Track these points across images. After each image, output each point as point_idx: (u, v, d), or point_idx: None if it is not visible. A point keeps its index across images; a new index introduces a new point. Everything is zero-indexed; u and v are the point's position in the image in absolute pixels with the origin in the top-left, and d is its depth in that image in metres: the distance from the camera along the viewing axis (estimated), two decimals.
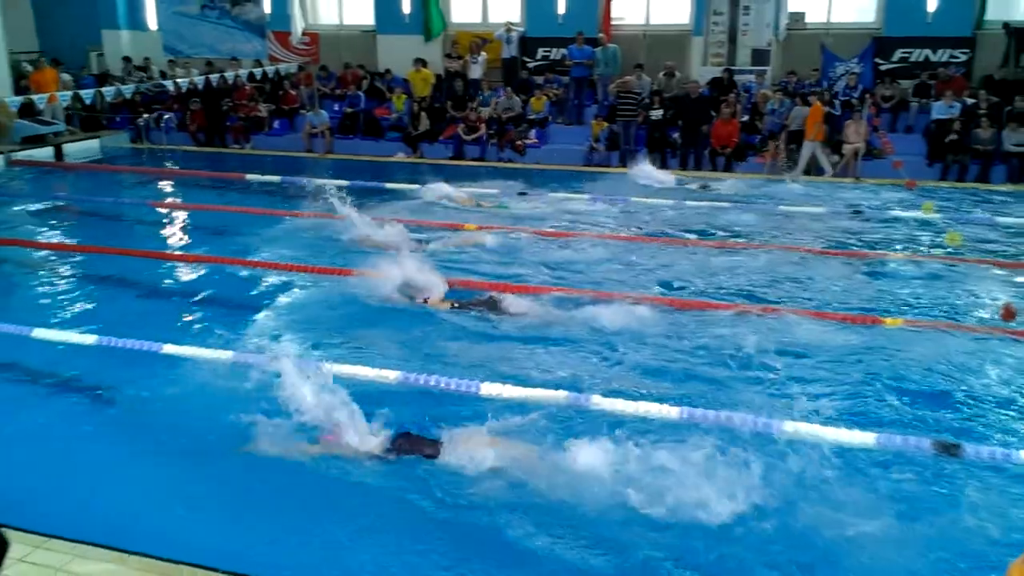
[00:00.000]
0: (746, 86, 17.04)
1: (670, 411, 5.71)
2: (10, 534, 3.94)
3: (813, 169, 14.83)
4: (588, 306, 7.72)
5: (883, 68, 17.20)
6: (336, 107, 18.46)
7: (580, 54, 17.48)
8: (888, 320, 7.64)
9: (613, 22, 18.33)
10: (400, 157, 16.78)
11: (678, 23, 18.51)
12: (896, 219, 11.85)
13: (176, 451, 5.33)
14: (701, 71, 17.69)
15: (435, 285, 7.88)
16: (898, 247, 10.45)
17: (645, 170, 14.44)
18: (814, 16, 17.88)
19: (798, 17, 17.82)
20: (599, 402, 5.84)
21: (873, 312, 7.93)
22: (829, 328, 7.48)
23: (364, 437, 5.01)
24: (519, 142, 16.61)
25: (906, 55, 17.18)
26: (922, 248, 10.42)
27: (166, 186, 14.79)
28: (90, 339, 7.04)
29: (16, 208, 12.69)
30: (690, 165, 15.76)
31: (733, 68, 17.35)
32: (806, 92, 15.85)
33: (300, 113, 18.50)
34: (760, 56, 17.56)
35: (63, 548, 4.13)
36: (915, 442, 5.36)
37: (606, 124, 16.37)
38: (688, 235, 10.91)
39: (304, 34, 20.69)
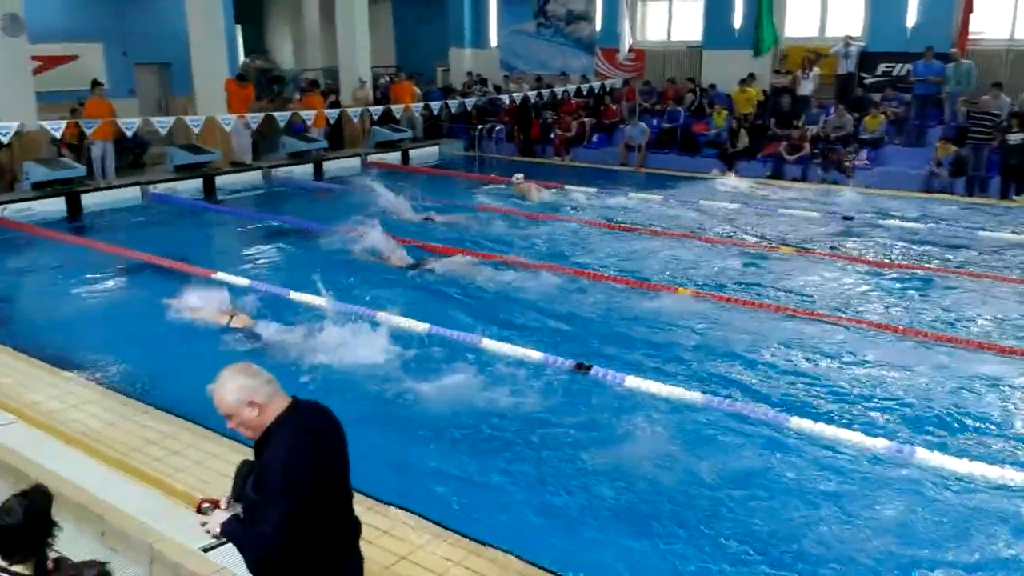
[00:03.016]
0: None
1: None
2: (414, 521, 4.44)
3: None
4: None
5: None
6: (655, 122, 18.59)
7: (927, 70, 15.96)
8: None
9: (971, 36, 16.49)
10: (714, 174, 16.47)
11: None
12: None
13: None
14: None
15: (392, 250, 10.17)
16: None
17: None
18: None
19: None
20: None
21: None
22: None
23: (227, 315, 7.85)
24: (847, 163, 15.55)
25: None
26: None
27: (492, 192, 15.75)
28: (423, 327, 7.76)
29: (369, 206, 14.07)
30: None
31: None
32: None
33: (619, 127, 18.89)
34: None
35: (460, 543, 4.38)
36: None
37: (953, 147, 14.76)
38: None
39: (630, 50, 21.09)
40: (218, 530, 2.85)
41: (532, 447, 5.67)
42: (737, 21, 19.09)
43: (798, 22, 19.01)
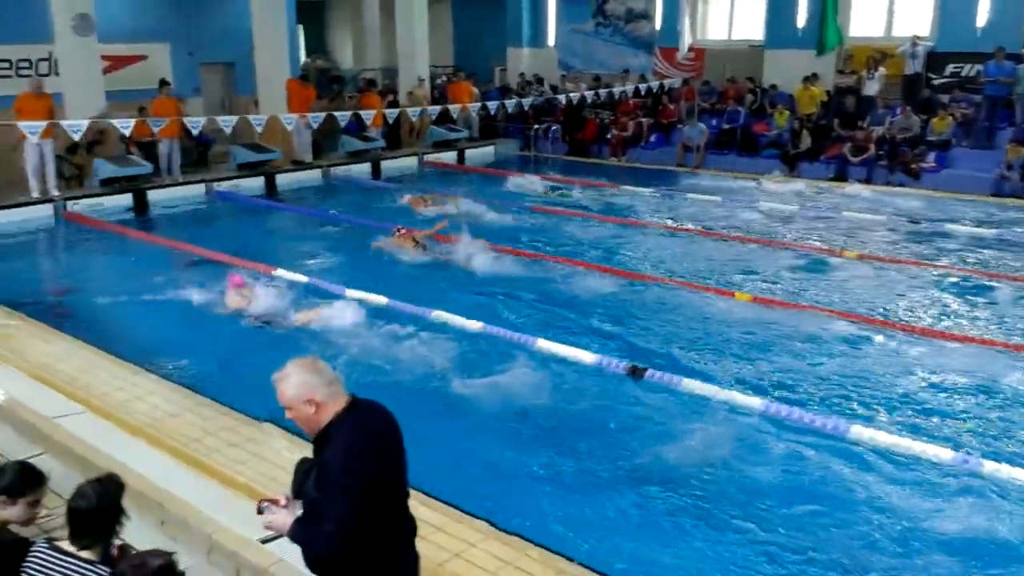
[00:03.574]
0: None
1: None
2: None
3: None
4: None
5: None
6: (714, 122, 18.35)
7: (998, 71, 15.44)
8: None
9: None
10: (774, 176, 16.17)
11: None
12: None
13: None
14: None
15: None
16: None
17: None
18: None
19: None
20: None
21: None
22: None
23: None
24: (914, 165, 15.14)
25: None
26: None
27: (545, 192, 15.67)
28: (476, 325, 7.77)
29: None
30: None
31: None
32: None
33: (677, 127, 18.68)
34: None
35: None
36: None
37: None
38: None
39: (690, 49, 20.86)
40: (285, 530, 2.87)
41: (585, 449, 5.65)
42: (800, 20, 18.74)
43: (863, 21, 18.58)
